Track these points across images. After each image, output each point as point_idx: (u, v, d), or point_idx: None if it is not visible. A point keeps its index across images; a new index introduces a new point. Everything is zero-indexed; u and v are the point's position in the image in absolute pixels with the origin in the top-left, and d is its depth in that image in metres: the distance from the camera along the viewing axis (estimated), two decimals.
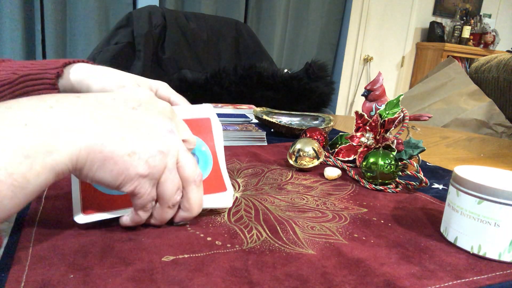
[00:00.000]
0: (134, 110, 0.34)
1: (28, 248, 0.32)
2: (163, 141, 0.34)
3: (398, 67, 3.55)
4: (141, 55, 1.53)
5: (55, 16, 2.05)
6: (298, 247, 0.36)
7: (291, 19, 2.86)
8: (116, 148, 0.31)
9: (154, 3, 2.20)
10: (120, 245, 0.34)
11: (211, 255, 0.33)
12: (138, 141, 0.32)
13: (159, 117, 0.35)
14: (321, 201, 0.49)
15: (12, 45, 1.96)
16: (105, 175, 0.31)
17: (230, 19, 1.92)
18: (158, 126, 0.34)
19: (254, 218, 0.42)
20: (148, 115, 0.34)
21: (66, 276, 0.29)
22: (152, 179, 0.33)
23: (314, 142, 0.62)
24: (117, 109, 0.33)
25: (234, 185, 0.53)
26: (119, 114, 0.33)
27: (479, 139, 1.09)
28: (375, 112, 0.73)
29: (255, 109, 0.94)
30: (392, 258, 0.36)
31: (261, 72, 1.44)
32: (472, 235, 0.37)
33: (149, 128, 0.34)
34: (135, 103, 0.34)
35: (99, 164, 0.31)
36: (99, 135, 0.30)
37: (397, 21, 3.37)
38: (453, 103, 2.08)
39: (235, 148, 0.73)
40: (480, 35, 3.57)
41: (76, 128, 0.30)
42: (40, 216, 0.38)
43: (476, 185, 0.37)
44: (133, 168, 0.32)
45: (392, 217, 0.45)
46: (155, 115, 0.35)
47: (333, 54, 3.20)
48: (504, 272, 0.35)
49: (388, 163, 0.54)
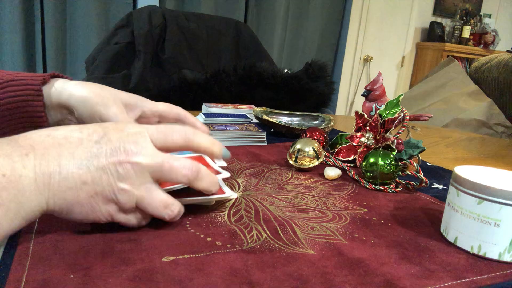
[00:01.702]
0: (97, 143, 0.34)
1: (28, 248, 0.32)
2: (126, 171, 0.34)
3: (398, 67, 3.55)
4: (141, 55, 1.53)
5: (55, 16, 2.05)
6: (298, 247, 0.36)
7: (291, 19, 2.86)
8: (79, 194, 0.32)
9: (154, 3, 2.20)
10: (120, 245, 0.34)
11: (211, 255, 0.33)
12: (99, 181, 0.33)
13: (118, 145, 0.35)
14: (321, 201, 0.49)
15: (12, 45, 1.97)
16: (77, 216, 0.33)
17: (230, 19, 1.92)
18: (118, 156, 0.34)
19: (254, 218, 0.42)
20: (109, 146, 0.34)
21: (66, 276, 0.29)
22: (124, 204, 0.34)
23: (314, 142, 0.62)
24: (82, 145, 0.34)
25: (234, 185, 0.53)
26: (84, 152, 0.33)
27: (479, 139, 1.09)
28: (375, 112, 0.73)
29: (255, 109, 0.94)
30: (392, 258, 0.36)
31: (261, 72, 1.44)
32: (472, 235, 0.37)
33: (110, 162, 0.34)
34: (97, 135, 0.35)
35: (67, 210, 0.33)
36: (63, 184, 0.32)
37: (397, 21, 3.37)
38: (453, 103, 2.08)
39: (235, 148, 0.73)
40: (480, 35, 3.57)
41: (43, 182, 0.31)
42: (40, 216, 0.38)
43: (476, 185, 0.37)
44: (99, 206, 0.34)
45: (392, 217, 0.45)
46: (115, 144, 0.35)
47: (333, 54, 3.20)
48: (504, 272, 0.35)
49: (388, 163, 0.54)
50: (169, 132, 0.37)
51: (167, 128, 0.38)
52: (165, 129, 0.37)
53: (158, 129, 0.37)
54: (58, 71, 0.50)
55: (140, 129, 0.36)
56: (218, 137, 0.75)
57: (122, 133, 0.35)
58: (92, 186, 0.33)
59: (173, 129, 0.38)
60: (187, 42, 1.69)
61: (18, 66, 1.99)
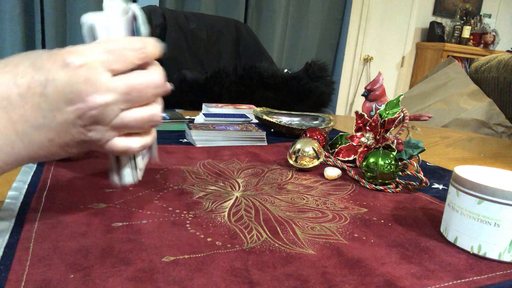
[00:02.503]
0: (43, 96, 0.30)
1: (28, 248, 0.32)
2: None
3: (398, 67, 3.55)
4: None
5: (55, 16, 2.05)
6: (298, 247, 0.36)
7: (291, 19, 2.86)
8: (49, 149, 0.32)
9: (154, 3, 2.20)
10: (120, 245, 0.34)
11: (211, 255, 0.33)
12: (67, 133, 0.31)
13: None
14: (321, 201, 0.49)
15: (12, 45, 1.96)
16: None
17: (230, 19, 1.92)
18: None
19: (254, 218, 0.42)
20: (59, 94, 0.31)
21: (66, 276, 0.29)
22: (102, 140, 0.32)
23: (314, 142, 0.62)
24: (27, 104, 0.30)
25: (234, 185, 0.53)
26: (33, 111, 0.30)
27: (479, 139, 1.09)
28: (375, 112, 0.73)
29: (255, 109, 0.94)
30: (392, 258, 0.36)
31: (261, 72, 1.44)
32: (472, 235, 0.37)
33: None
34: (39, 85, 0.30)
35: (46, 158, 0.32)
36: (30, 149, 0.31)
37: (397, 21, 3.37)
38: (453, 103, 2.08)
39: (235, 148, 0.73)
40: (480, 35, 3.57)
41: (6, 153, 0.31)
42: (40, 216, 0.38)
43: (476, 185, 0.37)
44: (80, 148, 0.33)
45: (392, 217, 0.45)
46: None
47: (333, 54, 3.20)
48: (504, 272, 0.35)
49: (388, 163, 0.54)
50: (121, 53, 0.32)
51: (118, 46, 0.32)
52: (115, 48, 0.32)
53: (108, 50, 0.31)
54: None
55: (87, 58, 0.30)
56: (218, 137, 0.75)
57: (67, 71, 0.29)
58: (61, 139, 0.31)
59: (124, 47, 0.32)
60: (187, 42, 1.69)
61: None
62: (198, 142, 0.73)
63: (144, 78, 0.33)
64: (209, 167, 0.60)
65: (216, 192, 0.49)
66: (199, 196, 0.47)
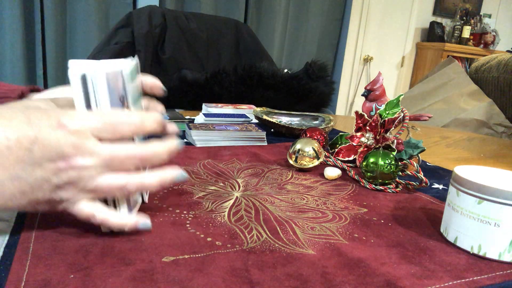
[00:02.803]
0: (28, 151, 0.31)
1: (28, 248, 0.32)
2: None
3: (398, 67, 3.55)
4: (141, 55, 1.53)
5: (55, 16, 2.05)
6: (298, 247, 0.36)
7: (291, 19, 2.86)
8: (20, 203, 0.32)
9: (154, 3, 2.20)
10: (120, 245, 0.34)
11: (211, 255, 0.33)
12: (39, 189, 0.32)
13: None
14: (321, 201, 0.49)
15: (12, 45, 1.97)
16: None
17: (230, 19, 1.92)
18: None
19: (254, 218, 0.42)
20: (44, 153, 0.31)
21: (66, 276, 0.29)
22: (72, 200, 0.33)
23: (314, 142, 0.62)
24: (12, 155, 0.30)
25: (234, 185, 0.53)
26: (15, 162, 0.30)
27: (479, 139, 1.09)
28: (375, 112, 0.73)
29: (255, 109, 0.94)
30: (392, 258, 0.36)
31: (261, 72, 1.44)
32: (472, 235, 0.37)
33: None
34: (28, 141, 0.31)
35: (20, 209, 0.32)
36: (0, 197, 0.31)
37: (397, 21, 3.36)
38: (453, 103, 2.08)
39: (235, 148, 0.73)
40: (480, 35, 3.57)
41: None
42: (40, 216, 0.38)
43: (476, 185, 0.37)
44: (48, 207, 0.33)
45: (392, 217, 0.45)
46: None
47: (333, 54, 3.20)
48: (504, 272, 0.35)
49: (388, 163, 0.54)
50: (117, 125, 0.33)
51: (114, 119, 0.33)
52: (112, 120, 0.33)
53: (104, 120, 0.32)
54: (58, 71, 0.50)
55: (82, 126, 0.31)
56: (218, 137, 0.75)
57: (59, 131, 0.31)
58: (33, 194, 0.31)
59: (121, 120, 0.33)
60: (187, 42, 1.69)
61: (18, 66, 1.99)
62: (198, 142, 0.73)
63: (129, 151, 0.33)
64: (209, 167, 0.60)
65: (216, 192, 0.49)
66: (199, 196, 0.47)
